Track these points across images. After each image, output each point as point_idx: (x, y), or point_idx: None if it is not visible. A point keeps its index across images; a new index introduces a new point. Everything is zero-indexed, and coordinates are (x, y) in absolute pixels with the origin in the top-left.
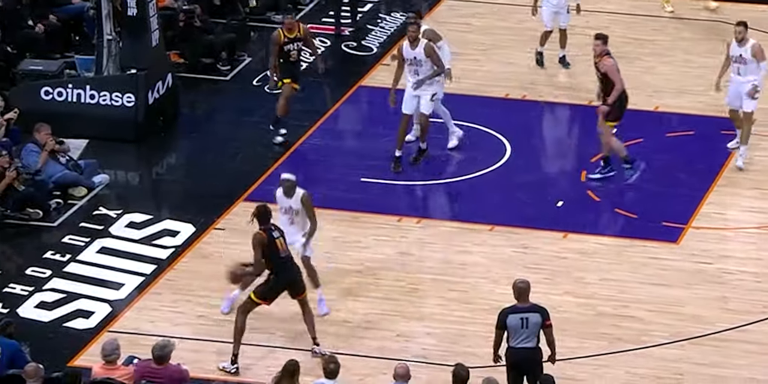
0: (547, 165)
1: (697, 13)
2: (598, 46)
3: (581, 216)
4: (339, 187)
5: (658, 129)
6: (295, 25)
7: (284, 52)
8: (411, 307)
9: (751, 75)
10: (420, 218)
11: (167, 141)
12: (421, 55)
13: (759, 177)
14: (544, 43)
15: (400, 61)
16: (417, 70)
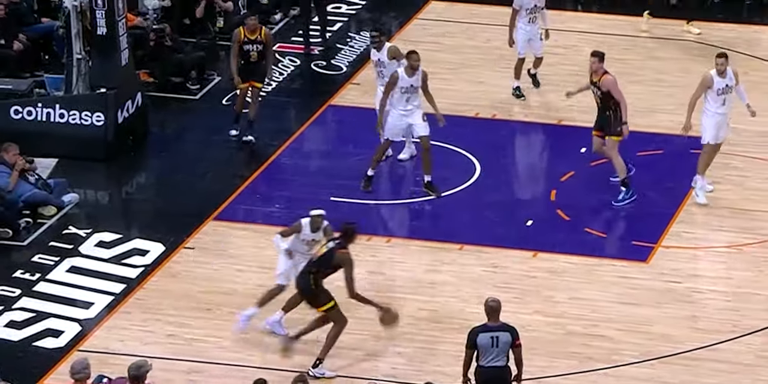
0: (517, 184)
1: (668, 32)
2: (595, 64)
3: (551, 235)
4: (309, 206)
5: (628, 148)
6: (258, 28)
7: (243, 52)
8: (379, 327)
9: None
10: (390, 237)
11: (137, 160)
12: (384, 58)
13: (729, 196)
14: (519, 74)
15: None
16: (382, 72)
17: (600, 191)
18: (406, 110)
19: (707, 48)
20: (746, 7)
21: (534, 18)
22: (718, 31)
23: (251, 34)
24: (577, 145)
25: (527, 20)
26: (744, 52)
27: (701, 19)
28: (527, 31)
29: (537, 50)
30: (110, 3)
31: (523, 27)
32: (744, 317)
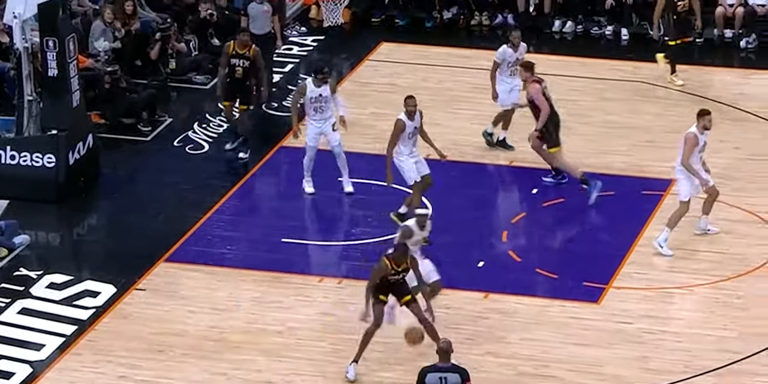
0: (469, 225)
1: (616, 73)
2: (522, 74)
3: (502, 276)
4: (260, 247)
5: (578, 190)
6: (248, 44)
7: (230, 66)
8: (332, 368)
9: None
10: (341, 278)
11: (88, 202)
12: (327, 93)
13: (681, 237)
14: (499, 122)
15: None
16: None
17: (551, 232)
18: (413, 154)
19: (657, 89)
20: (697, 48)
21: (515, 71)
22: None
23: (241, 48)
24: (528, 186)
25: (509, 73)
26: (695, 93)
27: (652, 60)
28: (508, 83)
29: (515, 100)
30: (61, 45)
31: (504, 79)
32: (695, 358)
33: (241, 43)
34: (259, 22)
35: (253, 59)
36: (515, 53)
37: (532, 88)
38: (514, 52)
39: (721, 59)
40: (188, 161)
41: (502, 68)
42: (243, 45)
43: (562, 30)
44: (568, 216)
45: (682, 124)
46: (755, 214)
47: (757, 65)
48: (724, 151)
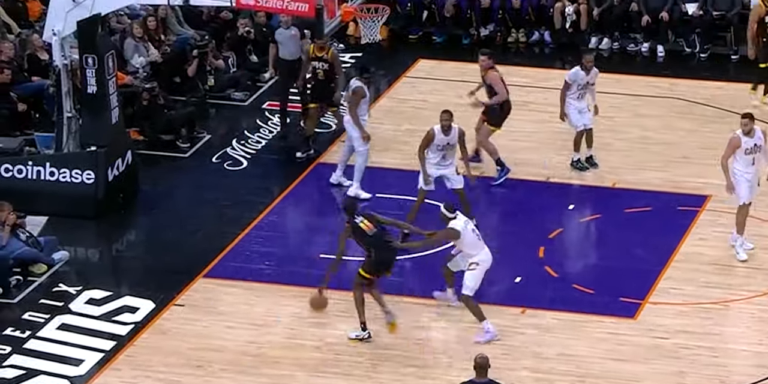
0: (506, 241)
1: (652, 90)
2: (484, 61)
3: (539, 291)
4: (298, 263)
5: (615, 205)
6: (326, 47)
7: (312, 69)
8: (369, 382)
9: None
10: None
11: (127, 218)
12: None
13: (716, 253)
14: (579, 147)
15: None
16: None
17: (588, 248)
18: (441, 165)
19: (692, 106)
20: (732, 65)
21: (583, 94)
22: (704, 89)
23: (319, 51)
24: (565, 202)
25: (577, 96)
26: (730, 109)
27: (687, 76)
28: (576, 106)
29: (587, 122)
30: (100, 62)
31: (572, 102)
32: (731, 373)
33: (318, 46)
34: (288, 48)
35: (332, 62)
36: (587, 76)
37: (491, 74)
38: (586, 74)
39: (755, 76)
40: (226, 177)
41: (572, 90)
42: (321, 48)
43: (599, 47)
44: (604, 231)
45: (717, 141)
46: None
47: None
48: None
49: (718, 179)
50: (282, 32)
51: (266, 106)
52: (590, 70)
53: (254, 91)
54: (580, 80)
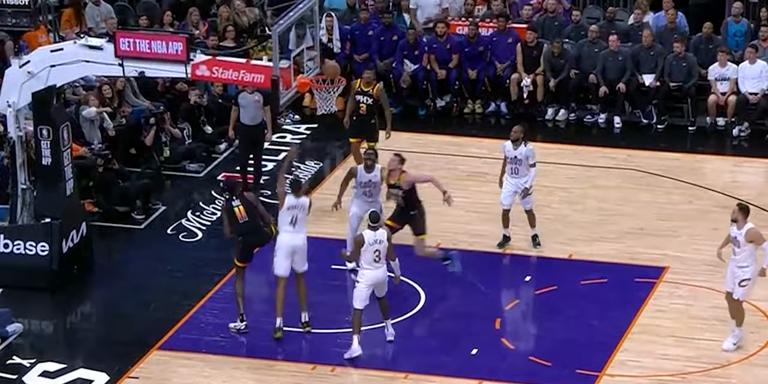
0: (462, 313)
1: (608, 161)
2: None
3: (495, 364)
4: (254, 334)
5: (572, 277)
6: (373, 82)
7: (356, 102)
8: None
9: (744, 262)
10: (335, 366)
11: (82, 290)
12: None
13: (673, 324)
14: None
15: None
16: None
17: (544, 320)
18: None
19: (648, 177)
20: (689, 136)
21: (515, 170)
22: (661, 160)
23: (366, 86)
24: (521, 273)
25: (509, 170)
26: (687, 181)
27: (644, 147)
28: (509, 181)
29: (505, 202)
30: (55, 133)
31: (507, 177)
32: None
33: (366, 81)
34: (250, 113)
35: (377, 97)
36: (514, 151)
37: (408, 176)
38: (513, 148)
39: (713, 147)
40: (182, 249)
41: (506, 163)
42: (368, 83)
43: (555, 118)
44: (560, 303)
45: (673, 212)
46: (748, 301)
47: (750, 153)
48: (717, 239)
49: (675, 251)
50: (245, 96)
51: (221, 177)
52: (515, 143)
53: (209, 162)
54: (507, 153)
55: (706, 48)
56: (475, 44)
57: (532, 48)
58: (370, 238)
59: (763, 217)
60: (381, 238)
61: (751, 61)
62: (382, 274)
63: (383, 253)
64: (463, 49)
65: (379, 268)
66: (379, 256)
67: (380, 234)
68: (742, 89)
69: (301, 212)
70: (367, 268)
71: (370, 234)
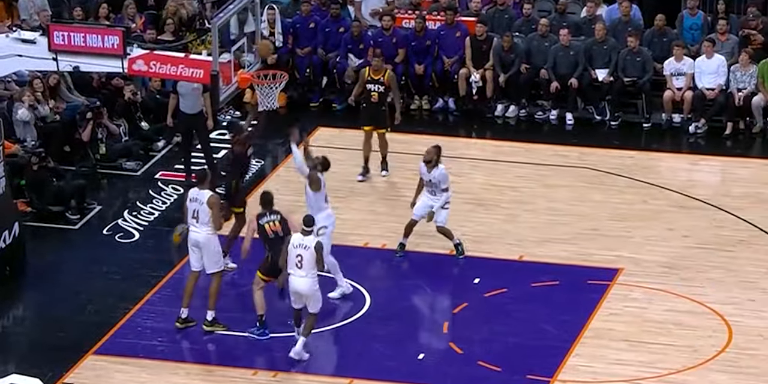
0: (409, 316)
1: (561, 159)
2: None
3: (442, 369)
4: (192, 338)
5: (522, 279)
6: (382, 69)
7: (366, 91)
8: None
9: None
10: (276, 372)
11: (14, 292)
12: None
13: (627, 328)
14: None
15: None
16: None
17: (494, 323)
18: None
19: (602, 175)
20: (644, 133)
21: (432, 192)
22: (615, 159)
23: (375, 74)
24: (470, 275)
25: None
26: (641, 180)
27: (597, 145)
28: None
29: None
30: None
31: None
32: None
33: (374, 69)
34: (189, 101)
35: (388, 84)
36: (428, 174)
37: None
38: (427, 171)
39: (669, 145)
40: (118, 250)
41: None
42: (376, 70)
43: (505, 115)
44: (511, 306)
45: (627, 212)
46: (704, 304)
47: (707, 151)
48: (672, 240)
49: (629, 252)
50: (184, 84)
51: (159, 175)
52: (428, 165)
53: (147, 160)
54: (422, 175)
55: (660, 42)
56: (422, 38)
57: (481, 42)
58: (296, 241)
59: (720, 218)
60: (308, 244)
61: (708, 56)
62: (300, 284)
63: (306, 261)
64: (409, 43)
65: (301, 276)
66: (300, 263)
67: (308, 240)
68: (698, 85)
69: (201, 206)
70: (289, 272)
71: (296, 237)
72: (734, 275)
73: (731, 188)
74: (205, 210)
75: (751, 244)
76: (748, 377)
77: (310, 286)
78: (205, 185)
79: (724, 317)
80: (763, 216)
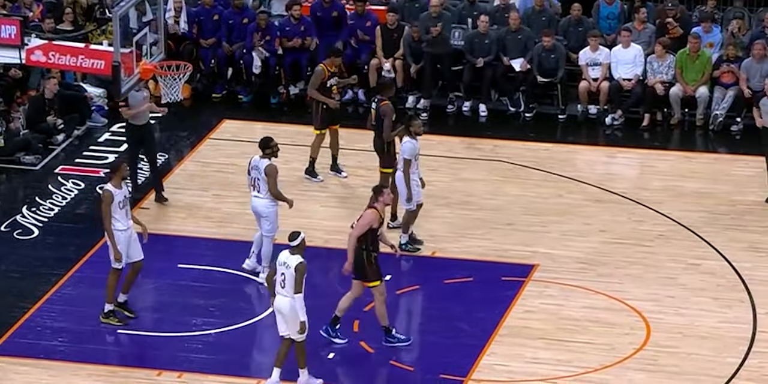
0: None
1: (474, 151)
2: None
3: (354, 369)
4: (95, 339)
5: (435, 275)
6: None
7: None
8: None
9: None
10: (182, 372)
11: None
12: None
13: (543, 326)
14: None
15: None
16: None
17: (406, 321)
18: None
19: (517, 169)
20: (560, 125)
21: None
22: (530, 151)
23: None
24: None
25: (415, 168)
26: (557, 173)
27: (512, 138)
28: (416, 181)
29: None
30: None
31: (413, 178)
32: None
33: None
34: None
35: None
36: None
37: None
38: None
39: (585, 137)
40: (16, 247)
41: (413, 165)
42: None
43: (417, 106)
44: (424, 303)
45: (543, 206)
46: (622, 301)
47: (624, 143)
48: (589, 235)
49: (545, 248)
50: (134, 95)
51: (59, 170)
52: (419, 136)
53: (46, 154)
54: (418, 152)
55: (576, 31)
56: (328, 9)
57: (392, 31)
58: (281, 258)
59: (639, 212)
60: (289, 263)
61: (625, 45)
62: (281, 303)
63: (287, 281)
64: (316, 15)
65: (284, 295)
66: (284, 282)
67: (292, 259)
68: (615, 75)
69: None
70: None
71: (283, 254)
72: (653, 271)
73: (649, 181)
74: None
75: (670, 239)
76: (667, 375)
77: (291, 305)
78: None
79: (642, 314)
80: (682, 210)
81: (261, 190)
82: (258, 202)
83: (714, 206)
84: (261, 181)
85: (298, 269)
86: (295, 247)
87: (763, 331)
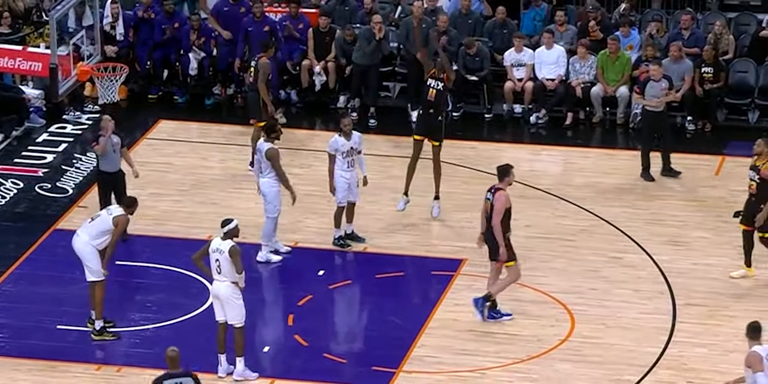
0: (253, 308)
1: (403, 150)
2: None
3: (288, 362)
4: (34, 335)
5: (366, 270)
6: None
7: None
8: None
9: None
10: (120, 366)
11: None
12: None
13: (471, 318)
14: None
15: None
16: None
17: (339, 315)
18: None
19: (444, 166)
20: (486, 124)
21: (351, 162)
22: (457, 149)
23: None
24: (314, 267)
25: (345, 166)
26: (484, 170)
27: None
28: (347, 179)
29: (355, 197)
30: None
31: (342, 174)
32: None
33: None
34: (111, 159)
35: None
36: (348, 142)
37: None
38: (347, 140)
39: (510, 135)
40: None
41: (338, 161)
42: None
43: (347, 106)
44: (356, 298)
45: (470, 203)
46: (548, 294)
47: (548, 141)
48: (515, 230)
49: (473, 242)
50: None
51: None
52: (350, 134)
53: None
54: (342, 148)
55: (501, 33)
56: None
57: (324, 34)
58: (213, 245)
59: (562, 208)
60: (222, 249)
61: (548, 47)
62: (219, 288)
63: (223, 266)
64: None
65: (221, 281)
66: (219, 268)
67: (224, 244)
68: (539, 75)
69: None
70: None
71: (215, 240)
72: (577, 264)
73: (572, 178)
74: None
75: (593, 233)
76: (591, 365)
77: (227, 290)
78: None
79: (567, 306)
80: (604, 205)
81: (263, 171)
82: (261, 182)
83: (634, 202)
84: (264, 165)
85: (232, 253)
86: (226, 233)
87: (682, 322)
